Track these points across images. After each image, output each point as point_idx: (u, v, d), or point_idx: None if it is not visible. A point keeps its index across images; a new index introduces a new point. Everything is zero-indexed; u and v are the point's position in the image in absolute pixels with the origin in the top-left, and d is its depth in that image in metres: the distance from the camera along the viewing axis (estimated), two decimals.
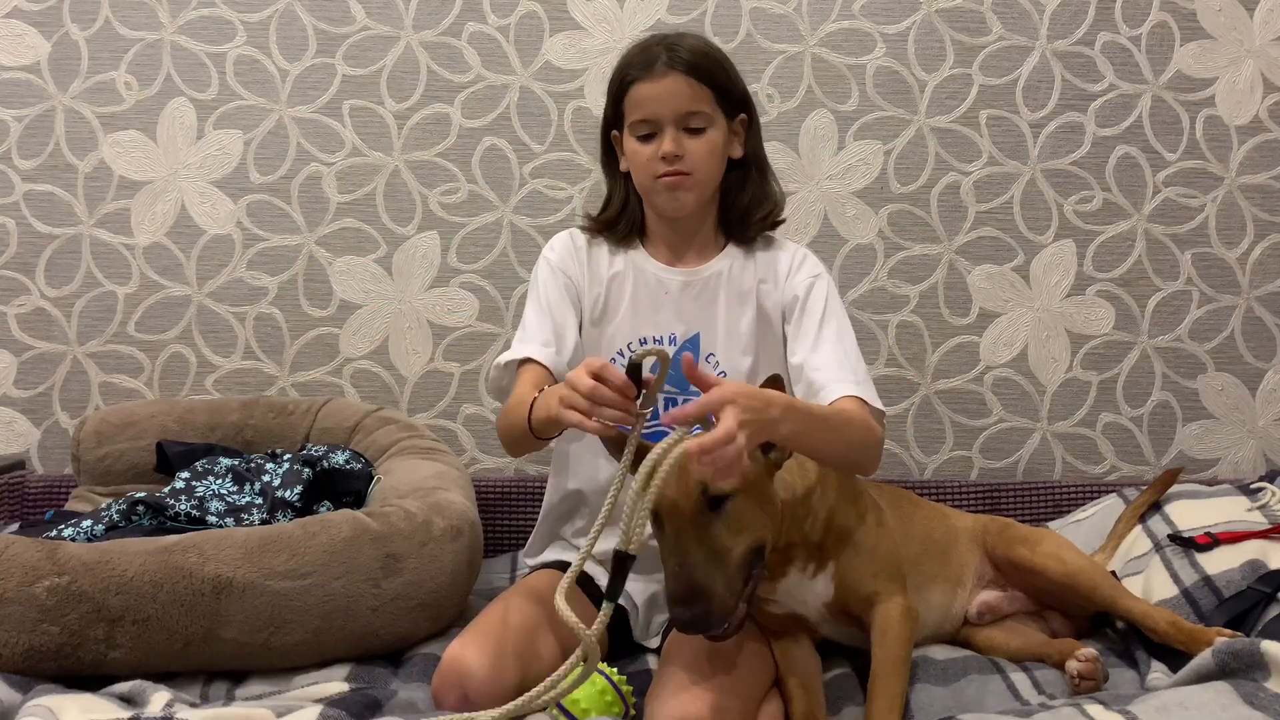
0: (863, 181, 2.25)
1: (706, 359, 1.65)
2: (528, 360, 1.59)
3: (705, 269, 1.67)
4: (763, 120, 2.20)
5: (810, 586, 1.50)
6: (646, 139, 1.59)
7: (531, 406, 1.43)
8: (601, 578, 1.58)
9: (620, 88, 1.61)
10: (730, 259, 1.68)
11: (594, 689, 1.38)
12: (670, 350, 1.63)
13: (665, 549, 1.32)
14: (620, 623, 1.63)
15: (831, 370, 1.57)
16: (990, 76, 2.25)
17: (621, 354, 1.66)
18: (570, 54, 2.23)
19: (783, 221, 1.71)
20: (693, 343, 1.65)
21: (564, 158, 2.24)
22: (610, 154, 1.69)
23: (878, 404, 1.57)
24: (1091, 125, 2.25)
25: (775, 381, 1.33)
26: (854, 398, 1.53)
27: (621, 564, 1.26)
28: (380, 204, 2.24)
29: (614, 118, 1.65)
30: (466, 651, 1.41)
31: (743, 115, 1.64)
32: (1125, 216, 2.27)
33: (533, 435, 1.43)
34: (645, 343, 1.65)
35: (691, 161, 1.58)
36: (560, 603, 1.26)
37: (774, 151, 2.23)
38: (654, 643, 1.63)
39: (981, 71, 2.25)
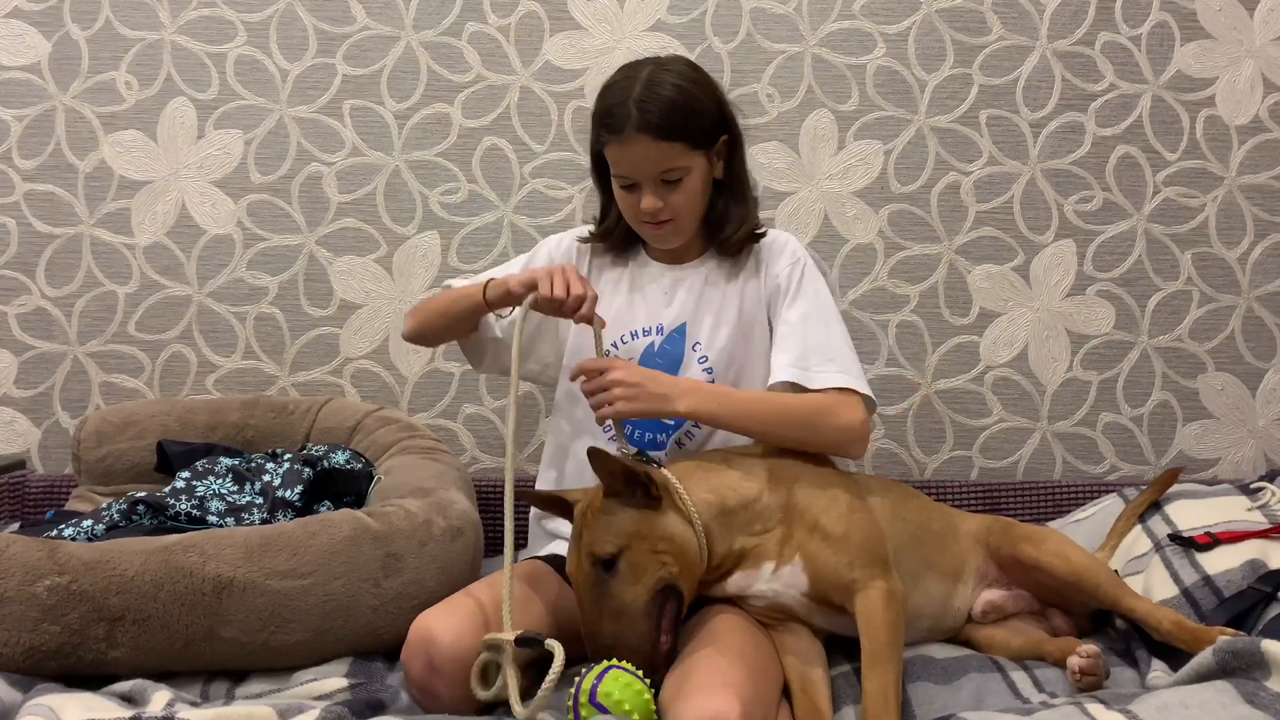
0: (863, 181, 2.26)
1: (692, 348, 1.69)
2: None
3: (695, 265, 1.73)
4: (763, 120, 2.22)
5: (779, 579, 1.51)
6: (628, 188, 1.64)
7: (487, 285, 1.63)
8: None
9: (597, 138, 1.65)
10: (718, 258, 1.74)
11: (632, 690, 1.37)
12: (659, 339, 1.69)
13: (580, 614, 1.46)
14: None
15: (781, 355, 1.64)
16: (990, 76, 2.25)
17: (615, 346, 1.72)
18: (570, 54, 2.23)
19: (762, 234, 1.73)
20: (679, 332, 1.70)
21: (564, 157, 2.24)
22: (601, 169, 1.71)
23: (832, 384, 1.61)
24: (1091, 125, 2.25)
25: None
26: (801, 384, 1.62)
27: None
28: (380, 204, 2.24)
29: (597, 147, 1.67)
30: (432, 620, 1.44)
31: (724, 136, 1.66)
32: (1125, 216, 2.28)
33: (485, 304, 1.64)
34: (635, 335, 1.72)
35: (673, 210, 1.63)
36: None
37: (774, 151, 2.23)
38: None
39: (981, 71, 2.25)
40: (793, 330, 1.65)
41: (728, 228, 1.69)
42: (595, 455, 1.43)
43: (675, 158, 1.60)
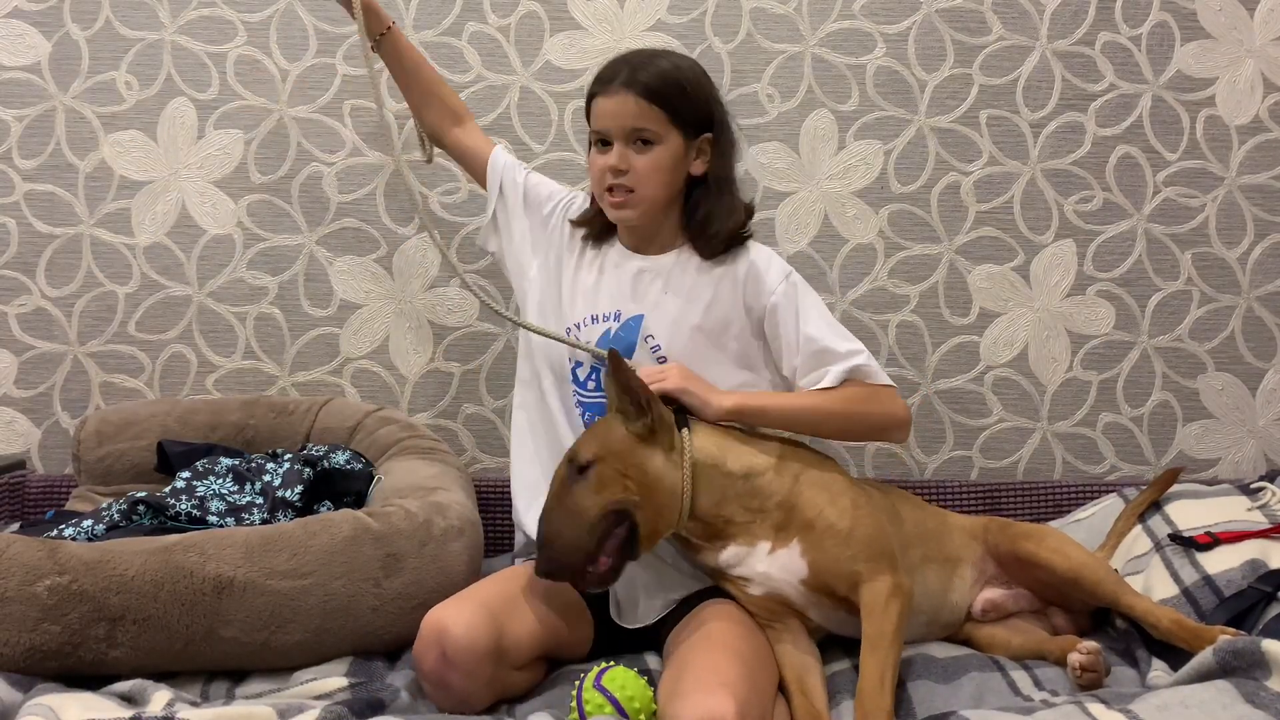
0: (863, 181, 2.26)
1: (645, 340, 1.70)
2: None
3: (660, 259, 1.74)
4: (763, 120, 2.22)
5: (775, 561, 1.53)
6: (602, 149, 1.68)
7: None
8: None
9: (587, 100, 1.71)
10: (687, 256, 1.74)
11: (637, 684, 1.41)
12: (615, 326, 1.72)
13: None
14: (604, 606, 1.67)
15: (822, 369, 1.67)
16: (990, 76, 2.25)
17: (579, 328, 1.74)
18: (570, 54, 2.23)
19: (749, 236, 1.74)
20: (635, 321, 1.71)
21: (564, 157, 2.24)
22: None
23: (875, 379, 1.68)
24: (1091, 125, 2.25)
25: None
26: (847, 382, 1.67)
27: None
28: (380, 204, 2.24)
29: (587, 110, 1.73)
30: (445, 612, 1.47)
31: (708, 135, 1.69)
32: (1125, 216, 2.28)
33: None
34: (595, 319, 1.73)
35: (635, 178, 1.65)
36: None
37: (774, 151, 2.23)
38: (631, 625, 1.66)
39: (981, 71, 2.25)
40: (819, 345, 1.67)
41: (714, 224, 1.70)
42: (615, 360, 1.53)
43: (651, 120, 1.64)
